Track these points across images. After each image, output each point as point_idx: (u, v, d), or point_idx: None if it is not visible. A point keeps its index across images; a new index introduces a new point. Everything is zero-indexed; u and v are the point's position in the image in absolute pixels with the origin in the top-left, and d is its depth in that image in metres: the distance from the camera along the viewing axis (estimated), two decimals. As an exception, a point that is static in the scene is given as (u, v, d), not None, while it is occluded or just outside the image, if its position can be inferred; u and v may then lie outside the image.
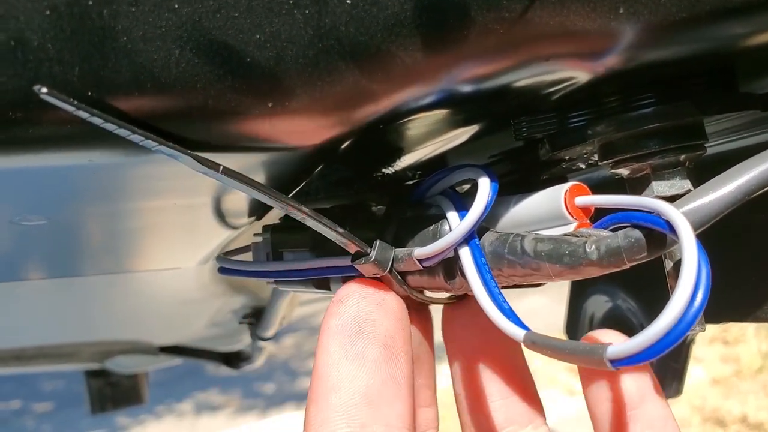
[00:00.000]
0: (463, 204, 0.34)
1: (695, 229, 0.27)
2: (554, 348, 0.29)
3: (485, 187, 0.32)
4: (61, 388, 4.54)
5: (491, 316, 0.31)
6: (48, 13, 0.23)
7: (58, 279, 0.52)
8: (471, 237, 0.33)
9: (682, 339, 0.25)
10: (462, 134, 0.39)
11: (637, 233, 0.28)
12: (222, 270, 0.44)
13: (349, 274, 0.37)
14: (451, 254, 0.33)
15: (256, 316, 0.79)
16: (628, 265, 0.28)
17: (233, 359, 1.01)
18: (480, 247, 0.32)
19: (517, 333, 0.31)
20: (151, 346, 0.92)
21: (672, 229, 0.27)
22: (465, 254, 0.32)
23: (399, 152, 0.40)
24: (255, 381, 4.44)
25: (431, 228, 0.34)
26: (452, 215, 0.34)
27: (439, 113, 0.32)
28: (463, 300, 0.41)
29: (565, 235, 0.30)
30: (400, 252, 0.35)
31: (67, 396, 4.38)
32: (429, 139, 0.38)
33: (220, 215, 0.40)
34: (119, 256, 0.48)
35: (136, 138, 0.25)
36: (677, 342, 0.25)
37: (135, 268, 0.52)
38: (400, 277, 0.35)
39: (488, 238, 0.33)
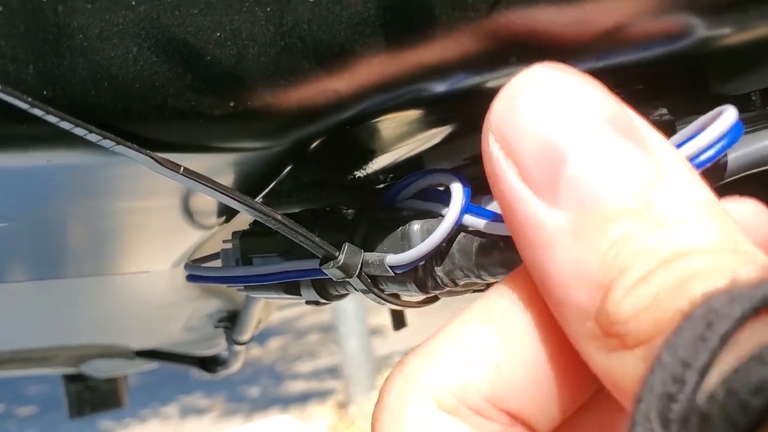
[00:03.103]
0: (434, 206, 0.34)
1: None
2: None
3: (458, 194, 0.32)
4: (44, 392, 4.51)
5: None
6: (0, 9, 0.23)
7: (29, 282, 0.52)
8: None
9: None
10: (434, 136, 0.38)
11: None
12: (190, 277, 0.43)
13: (318, 277, 0.37)
14: (423, 262, 0.33)
15: (231, 320, 0.78)
16: None
17: (209, 363, 1.00)
18: None
19: None
20: (127, 350, 0.92)
21: None
22: None
23: (371, 154, 0.40)
24: (240, 384, 4.42)
25: (399, 230, 0.34)
26: (422, 219, 0.33)
27: (409, 114, 0.32)
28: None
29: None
30: (371, 257, 0.34)
31: (50, 400, 4.35)
32: (401, 141, 0.38)
33: (190, 216, 0.39)
34: (88, 259, 0.47)
35: (93, 137, 0.25)
36: None
37: (106, 272, 0.52)
38: (369, 281, 0.35)
39: (457, 238, 0.32)
